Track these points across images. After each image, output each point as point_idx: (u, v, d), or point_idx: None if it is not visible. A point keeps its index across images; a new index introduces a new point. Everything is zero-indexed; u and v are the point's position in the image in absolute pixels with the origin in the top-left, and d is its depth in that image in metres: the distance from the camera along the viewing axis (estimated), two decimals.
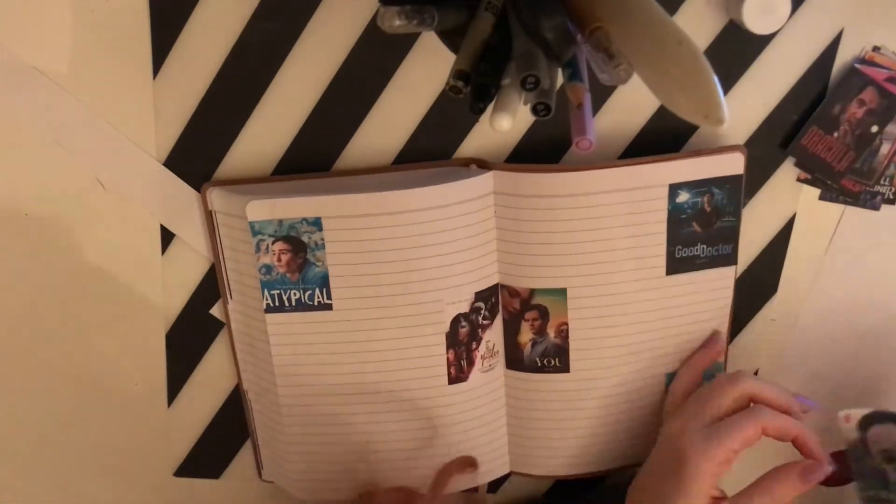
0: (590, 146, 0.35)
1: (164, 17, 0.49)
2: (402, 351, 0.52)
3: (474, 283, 0.51)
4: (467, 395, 0.54)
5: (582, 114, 0.35)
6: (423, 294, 0.51)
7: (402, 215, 0.49)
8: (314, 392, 0.53)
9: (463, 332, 0.52)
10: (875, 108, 0.49)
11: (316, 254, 0.50)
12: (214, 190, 0.51)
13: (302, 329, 0.52)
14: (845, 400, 0.57)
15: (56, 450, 0.59)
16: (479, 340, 0.53)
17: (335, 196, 0.49)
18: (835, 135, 0.50)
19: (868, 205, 0.51)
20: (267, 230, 0.50)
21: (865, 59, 0.48)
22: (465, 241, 0.50)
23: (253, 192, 0.50)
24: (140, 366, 0.57)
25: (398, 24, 0.36)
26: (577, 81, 0.35)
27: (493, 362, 0.54)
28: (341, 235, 0.50)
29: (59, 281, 0.54)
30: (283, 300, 0.51)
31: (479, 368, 0.53)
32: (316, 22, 0.49)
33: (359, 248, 0.50)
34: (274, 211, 0.49)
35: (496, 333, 0.53)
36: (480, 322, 0.52)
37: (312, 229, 0.50)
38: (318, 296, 0.51)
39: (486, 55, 0.37)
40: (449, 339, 0.52)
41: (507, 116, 0.35)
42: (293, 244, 0.50)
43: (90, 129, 0.51)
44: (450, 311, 0.51)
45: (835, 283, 0.54)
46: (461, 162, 0.52)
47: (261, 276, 0.51)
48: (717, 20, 0.48)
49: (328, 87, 0.50)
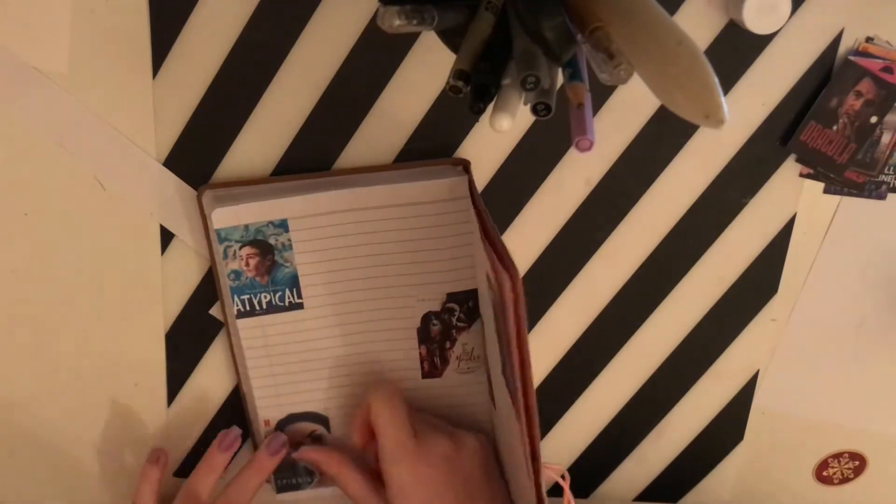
0: (590, 146, 0.35)
1: (163, 17, 0.48)
2: (376, 344, 0.53)
3: (447, 284, 0.52)
4: (442, 390, 0.54)
5: (582, 114, 0.35)
6: (391, 289, 0.52)
7: (366, 212, 0.49)
8: (291, 390, 0.54)
9: (434, 329, 0.53)
10: (873, 99, 0.49)
11: (284, 255, 0.50)
12: (208, 193, 0.51)
13: (274, 331, 0.52)
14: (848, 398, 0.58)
15: (56, 449, 0.59)
16: (452, 340, 0.53)
17: (299, 197, 0.49)
18: (834, 128, 0.50)
19: (874, 195, 0.51)
20: (233, 236, 0.50)
21: (859, 51, 0.48)
22: (436, 240, 0.50)
23: (245, 196, 0.50)
24: (140, 366, 0.57)
25: (398, 23, 0.36)
26: (578, 81, 0.35)
27: (471, 365, 0.54)
28: (308, 235, 0.50)
29: (59, 281, 0.54)
30: (253, 304, 0.52)
31: (455, 369, 0.54)
32: (316, 21, 0.49)
33: (326, 246, 0.51)
34: (239, 217, 0.49)
35: (475, 338, 0.54)
36: (454, 323, 0.53)
37: (279, 231, 0.50)
38: (289, 296, 0.51)
39: (486, 55, 0.37)
40: (420, 335, 0.53)
41: (507, 116, 0.35)
42: (260, 248, 0.50)
43: (90, 129, 0.51)
44: (419, 308, 0.52)
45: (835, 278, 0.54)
46: (449, 162, 0.52)
47: (230, 283, 0.51)
48: (717, 20, 0.48)
49: (328, 86, 0.50)
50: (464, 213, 0.50)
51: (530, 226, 0.53)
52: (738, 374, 0.57)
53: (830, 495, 0.61)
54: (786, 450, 0.59)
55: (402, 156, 0.52)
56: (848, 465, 0.59)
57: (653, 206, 0.53)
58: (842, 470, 0.60)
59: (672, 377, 0.57)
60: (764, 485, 0.60)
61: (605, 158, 0.52)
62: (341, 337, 0.53)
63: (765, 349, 0.56)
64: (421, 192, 0.49)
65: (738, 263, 0.54)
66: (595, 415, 0.58)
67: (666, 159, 0.52)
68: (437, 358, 0.54)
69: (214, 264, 0.52)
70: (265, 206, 0.49)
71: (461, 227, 0.51)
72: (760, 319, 0.56)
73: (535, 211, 0.53)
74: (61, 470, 0.60)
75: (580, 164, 0.52)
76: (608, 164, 0.52)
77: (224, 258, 0.50)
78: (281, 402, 0.55)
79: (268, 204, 0.49)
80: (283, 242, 0.50)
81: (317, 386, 0.55)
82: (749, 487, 0.60)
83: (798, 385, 0.57)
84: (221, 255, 0.50)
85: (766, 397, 0.58)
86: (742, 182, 0.52)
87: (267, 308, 0.52)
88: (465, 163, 0.51)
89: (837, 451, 0.59)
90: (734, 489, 0.49)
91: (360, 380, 0.54)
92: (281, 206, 0.49)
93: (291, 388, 0.55)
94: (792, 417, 0.58)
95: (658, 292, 0.55)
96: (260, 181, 0.52)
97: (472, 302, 0.53)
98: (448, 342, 0.53)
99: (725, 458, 0.59)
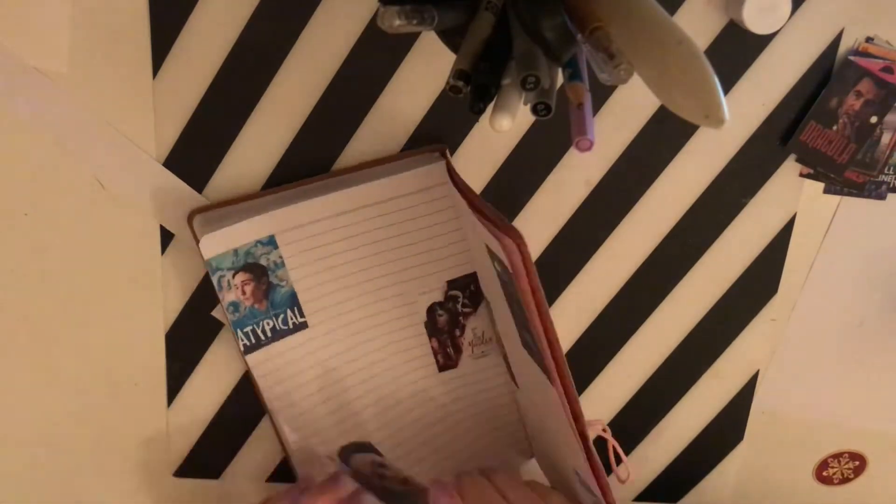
0: (590, 146, 0.35)
1: (163, 17, 0.48)
2: (387, 347, 0.52)
3: (445, 272, 0.52)
4: (461, 380, 0.54)
5: (582, 113, 0.35)
6: (391, 287, 0.51)
7: (349, 215, 0.49)
8: (315, 414, 0.53)
9: (441, 320, 0.52)
10: (872, 99, 0.49)
11: (278, 273, 0.50)
12: (199, 217, 0.50)
13: (284, 359, 0.52)
14: (848, 398, 0.58)
15: (56, 450, 0.59)
16: (462, 328, 0.53)
17: (280, 210, 0.49)
18: (834, 128, 0.50)
19: (874, 195, 0.51)
20: (224, 264, 0.49)
21: (859, 51, 0.48)
22: (425, 230, 0.50)
23: (232, 215, 0.49)
24: (140, 366, 0.57)
25: (398, 23, 0.36)
26: (578, 81, 0.35)
27: (485, 349, 0.54)
28: (297, 248, 0.50)
29: (59, 281, 0.54)
30: (258, 336, 0.51)
31: (470, 355, 0.53)
32: (316, 21, 0.49)
33: (317, 256, 0.50)
34: (227, 241, 0.49)
35: (483, 321, 0.53)
36: (460, 310, 0.52)
37: (268, 249, 0.49)
38: (291, 317, 0.51)
39: (485, 55, 0.37)
40: (428, 328, 0.52)
41: (507, 116, 0.35)
42: (253, 271, 0.50)
43: (90, 129, 0.51)
44: (422, 301, 0.52)
45: (835, 278, 0.54)
46: (426, 151, 0.51)
47: (230, 317, 0.50)
48: (717, 20, 0.48)
49: (328, 85, 0.50)
50: (447, 199, 0.50)
51: (530, 226, 0.53)
52: (738, 374, 0.57)
53: (830, 495, 0.61)
54: (786, 450, 0.59)
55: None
56: (848, 465, 0.59)
57: (653, 206, 0.53)
58: (842, 470, 0.60)
59: (672, 377, 0.57)
60: (764, 485, 0.60)
61: (605, 158, 0.52)
62: (352, 350, 0.52)
63: (765, 349, 0.56)
64: (399, 185, 0.49)
65: (738, 263, 0.54)
66: (596, 414, 0.58)
67: (666, 159, 0.52)
68: (449, 348, 0.53)
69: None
70: (252, 225, 0.49)
71: (447, 214, 0.50)
72: (760, 319, 0.56)
73: (535, 211, 0.53)
74: (61, 470, 0.59)
75: (580, 164, 0.52)
76: (608, 164, 0.52)
77: (220, 290, 0.50)
78: (312, 432, 0.54)
79: (254, 221, 0.48)
80: (275, 260, 0.50)
81: (346, 412, 0.54)
82: (749, 487, 0.60)
83: (798, 385, 0.57)
84: (216, 286, 0.50)
85: (766, 397, 0.58)
86: (742, 182, 0.52)
87: (272, 335, 0.51)
88: (441, 149, 0.50)
89: (837, 451, 0.59)
90: (734, 489, 0.49)
91: (385, 392, 0.54)
92: (265, 221, 0.49)
93: (315, 417, 0.54)
94: (792, 417, 0.58)
95: (658, 292, 0.55)
96: (248, 197, 0.51)
97: (474, 285, 0.52)
98: (457, 330, 0.53)
99: (725, 458, 0.59)
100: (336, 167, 0.52)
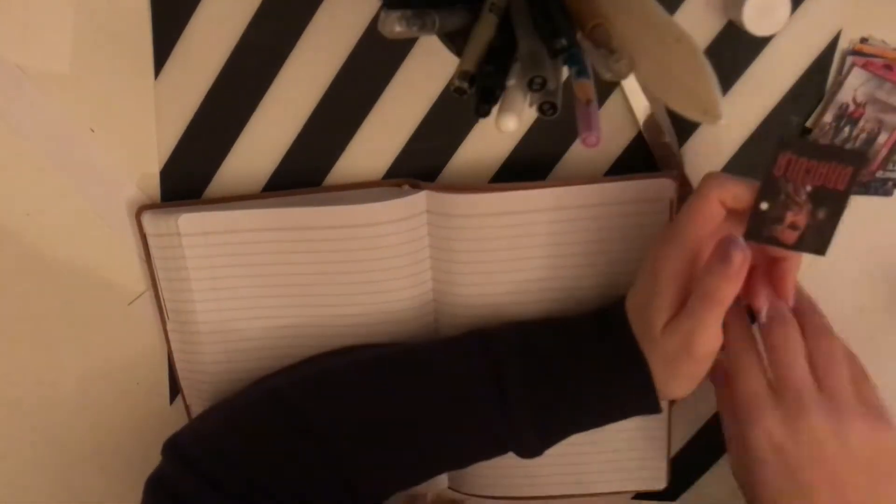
0: (597, 142, 0.35)
1: (165, 18, 0.49)
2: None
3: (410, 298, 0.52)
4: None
5: (589, 110, 0.35)
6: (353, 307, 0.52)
7: (327, 231, 0.50)
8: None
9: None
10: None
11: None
12: (146, 213, 0.51)
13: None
14: None
15: (56, 449, 0.59)
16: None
17: (265, 210, 0.49)
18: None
19: (879, 192, 0.51)
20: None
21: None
22: (396, 258, 0.50)
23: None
24: (141, 365, 0.57)
25: (399, 30, 0.36)
26: (585, 79, 0.36)
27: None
28: (264, 248, 0.50)
29: (60, 281, 0.54)
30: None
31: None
32: (317, 22, 0.49)
33: (285, 261, 0.51)
34: (205, 224, 0.49)
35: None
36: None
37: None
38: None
39: (489, 57, 0.37)
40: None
41: (513, 117, 0.36)
42: None
43: (90, 129, 0.51)
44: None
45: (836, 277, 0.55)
46: (393, 184, 0.52)
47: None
48: (717, 21, 0.49)
49: (329, 87, 0.50)
50: (419, 230, 0.50)
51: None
52: None
53: None
54: None
55: (402, 156, 0.52)
56: None
57: None
58: None
59: None
60: None
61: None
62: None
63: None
64: (381, 213, 0.49)
65: None
66: None
67: None
68: None
69: (154, 286, 0.53)
70: (230, 217, 0.49)
71: (417, 244, 0.51)
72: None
73: None
74: (63, 469, 0.59)
75: (580, 164, 0.52)
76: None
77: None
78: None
79: (235, 214, 0.49)
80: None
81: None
82: None
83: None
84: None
85: None
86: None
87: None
88: (410, 182, 0.51)
89: None
90: (734, 488, 0.49)
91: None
92: (245, 217, 0.50)
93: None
94: None
95: None
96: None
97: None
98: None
99: (725, 456, 0.59)
100: (336, 168, 0.52)
